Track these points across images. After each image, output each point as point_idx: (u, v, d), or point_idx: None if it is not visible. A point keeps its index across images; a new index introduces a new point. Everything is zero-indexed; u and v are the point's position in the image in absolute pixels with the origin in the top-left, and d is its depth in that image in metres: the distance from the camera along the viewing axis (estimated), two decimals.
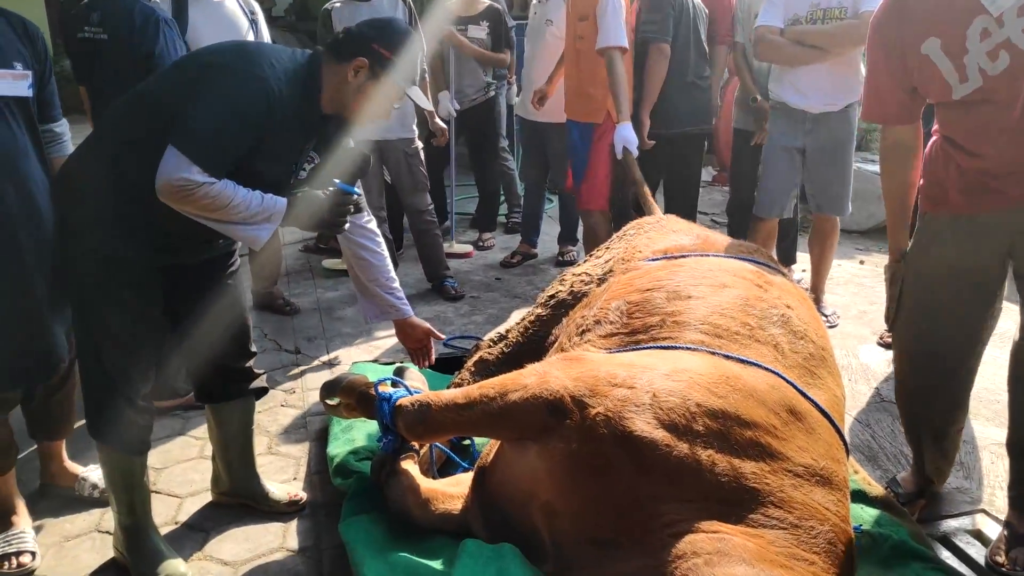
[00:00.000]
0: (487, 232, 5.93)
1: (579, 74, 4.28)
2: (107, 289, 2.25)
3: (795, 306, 2.27)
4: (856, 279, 5.07)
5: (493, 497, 2.03)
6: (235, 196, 2.12)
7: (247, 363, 2.64)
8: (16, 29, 2.40)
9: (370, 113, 2.36)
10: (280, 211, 2.22)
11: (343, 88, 2.28)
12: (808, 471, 1.78)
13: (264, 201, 2.18)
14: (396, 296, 2.81)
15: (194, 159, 2.04)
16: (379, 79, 2.29)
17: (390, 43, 2.30)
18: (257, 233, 2.22)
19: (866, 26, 3.75)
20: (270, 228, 2.22)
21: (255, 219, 2.18)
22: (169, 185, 2.05)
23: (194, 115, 2.08)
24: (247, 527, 2.63)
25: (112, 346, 2.28)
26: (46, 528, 2.62)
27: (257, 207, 2.17)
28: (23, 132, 2.38)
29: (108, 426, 2.33)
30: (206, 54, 2.26)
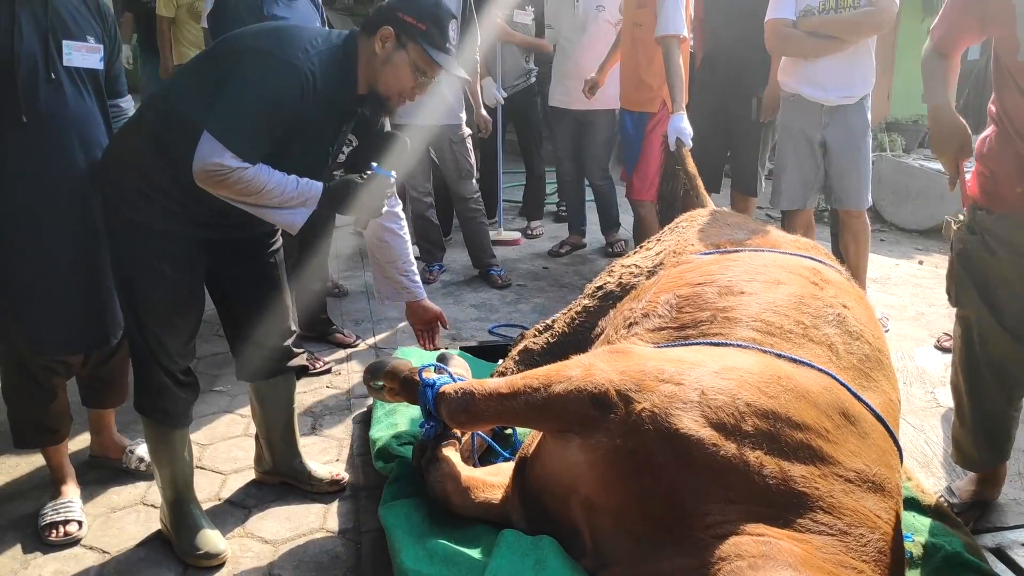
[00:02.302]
0: (535, 220, 5.90)
1: (635, 62, 4.22)
2: (147, 262, 2.28)
3: (851, 306, 2.20)
4: (914, 279, 4.94)
5: (533, 489, 2.01)
6: (269, 181, 2.14)
7: (287, 341, 2.64)
8: (90, 5, 2.48)
9: (401, 84, 2.30)
10: (316, 195, 2.23)
11: (372, 61, 2.26)
12: (860, 477, 1.72)
13: (299, 186, 2.20)
14: (411, 279, 2.79)
15: (228, 145, 2.07)
16: (406, 48, 2.25)
17: (415, 9, 2.26)
18: (292, 218, 2.23)
19: (882, 13, 3.71)
20: (305, 212, 2.24)
21: (290, 203, 2.20)
22: (203, 170, 2.09)
23: (228, 101, 2.11)
24: (289, 506, 2.64)
25: (152, 320, 2.31)
26: (93, 499, 2.67)
27: (292, 191, 2.19)
28: (94, 102, 2.46)
29: (150, 398, 2.37)
30: (246, 37, 2.27)
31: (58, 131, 2.36)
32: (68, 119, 2.37)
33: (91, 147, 2.43)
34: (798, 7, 3.85)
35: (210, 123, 2.09)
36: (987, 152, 2.39)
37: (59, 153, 2.37)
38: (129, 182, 2.24)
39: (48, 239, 2.39)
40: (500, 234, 5.60)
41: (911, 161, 6.42)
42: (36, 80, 2.31)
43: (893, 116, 7.85)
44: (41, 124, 2.33)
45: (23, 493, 2.71)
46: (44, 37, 2.32)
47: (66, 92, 2.38)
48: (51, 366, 2.50)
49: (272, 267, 2.54)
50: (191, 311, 2.39)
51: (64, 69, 2.37)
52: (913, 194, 6.16)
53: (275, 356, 2.61)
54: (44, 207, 2.38)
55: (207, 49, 2.42)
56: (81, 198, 2.42)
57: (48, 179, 2.36)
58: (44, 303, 2.42)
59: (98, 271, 2.50)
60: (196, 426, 3.10)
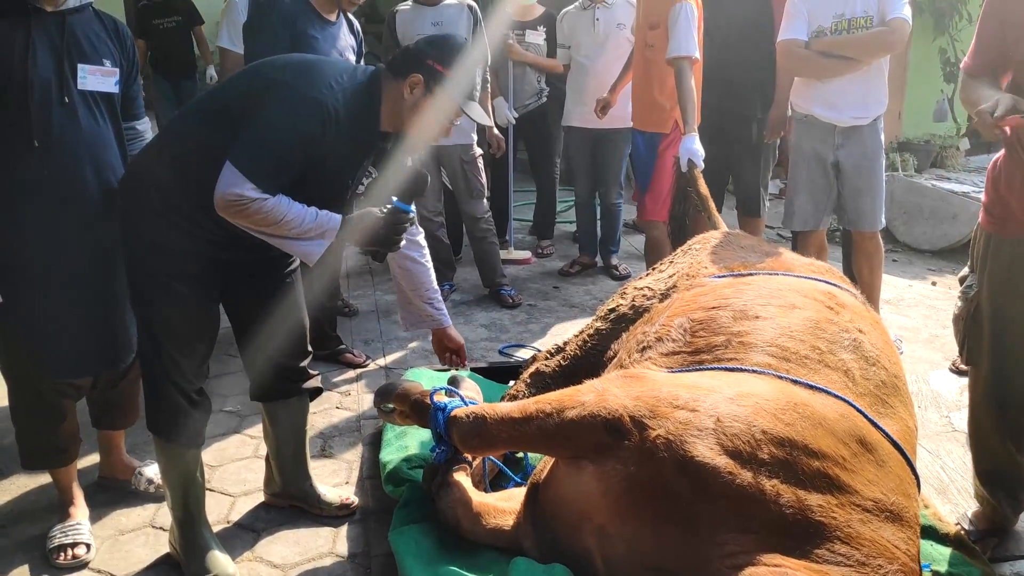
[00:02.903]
0: (545, 239, 5.89)
1: (647, 83, 4.21)
2: (164, 282, 2.29)
3: (868, 330, 2.18)
4: (927, 301, 4.90)
5: (545, 515, 1.99)
6: (288, 212, 2.16)
7: (303, 363, 2.64)
8: (108, 29, 2.49)
9: (427, 130, 2.35)
10: (334, 228, 2.24)
11: (399, 104, 2.29)
12: (877, 506, 1.69)
13: (319, 217, 2.21)
14: (435, 306, 2.82)
15: (248, 175, 2.10)
16: (434, 95, 2.28)
17: (445, 59, 2.29)
18: (310, 248, 2.24)
19: (893, 33, 3.69)
20: (323, 244, 2.24)
21: (308, 235, 2.21)
22: (223, 200, 2.12)
23: (251, 132, 2.14)
24: (298, 530, 2.62)
25: (168, 340, 2.31)
26: (102, 521, 2.65)
27: (311, 223, 2.20)
28: (107, 126, 2.47)
29: (163, 418, 2.36)
30: (273, 69, 2.28)
31: (70, 154, 2.36)
32: (81, 142, 2.37)
33: (103, 170, 2.43)
34: (810, 28, 3.85)
35: (234, 154, 2.12)
36: (997, 179, 2.36)
37: (71, 176, 2.37)
38: (148, 202, 2.25)
39: (59, 262, 2.39)
40: (510, 253, 5.59)
41: (923, 181, 6.40)
42: (49, 104, 2.32)
43: (904, 136, 7.83)
44: (53, 148, 2.33)
45: (31, 515, 2.69)
46: (59, 60, 2.33)
47: (79, 115, 2.38)
48: (60, 388, 2.50)
49: (289, 287, 2.54)
50: (207, 332, 2.39)
51: (78, 92, 2.37)
52: (925, 214, 6.12)
53: (290, 377, 2.61)
54: (55, 230, 2.38)
55: (233, 76, 2.42)
56: (91, 221, 2.42)
57: (59, 202, 2.37)
58: (54, 326, 2.42)
59: (109, 294, 2.50)
60: (205, 447, 3.08)
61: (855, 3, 3.76)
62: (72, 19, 2.37)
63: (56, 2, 2.34)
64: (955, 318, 2.52)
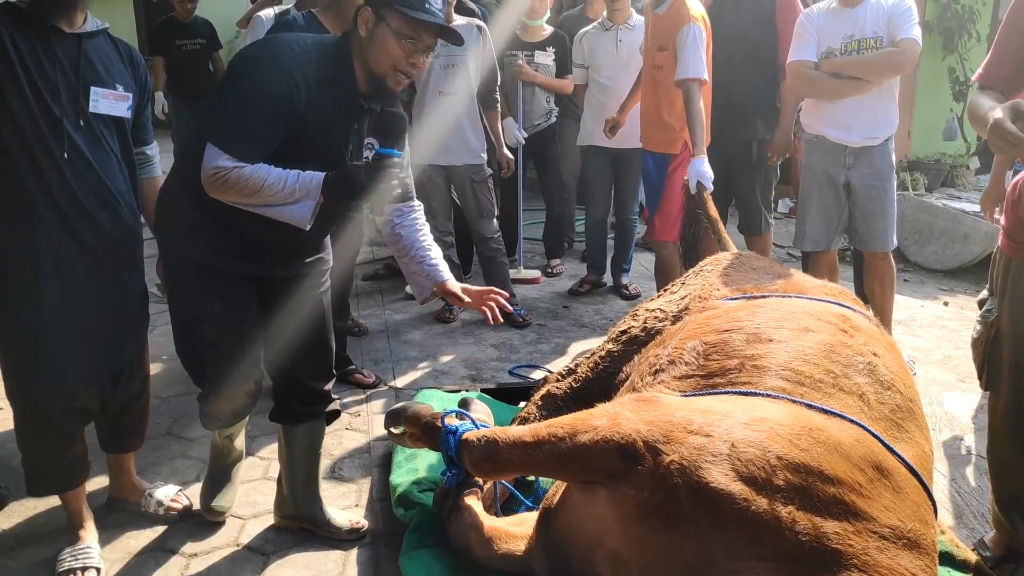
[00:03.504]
0: (555, 258, 5.89)
1: (656, 104, 4.22)
2: (198, 298, 2.40)
3: (882, 354, 2.16)
4: (940, 321, 4.87)
5: (558, 540, 1.97)
6: (268, 176, 2.19)
7: (325, 385, 2.66)
8: (122, 54, 2.53)
9: (392, 57, 2.27)
10: (317, 184, 2.23)
11: (361, 47, 2.30)
12: (895, 533, 1.67)
13: (300, 178, 2.22)
14: (427, 263, 2.68)
15: (222, 147, 2.17)
16: (386, 19, 2.26)
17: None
18: (301, 211, 2.24)
19: (903, 54, 3.69)
20: (311, 204, 2.24)
21: (293, 197, 2.22)
22: (207, 177, 2.19)
23: (221, 107, 2.25)
24: (308, 553, 2.61)
25: (207, 353, 2.47)
26: (112, 543, 2.64)
27: (293, 184, 2.21)
28: (116, 150, 2.49)
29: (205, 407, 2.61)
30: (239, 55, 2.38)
31: (81, 177, 2.38)
32: (91, 166, 2.39)
33: (111, 197, 2.44)
34: (820, 49, 3.85)
35: (209, 132, 2.21)
36: (1017, 203, 2.32)
37: (77, 200, 2.38)
38: (175, 223, 2.39)
39: (65, 285, 2.40)
40: (520, 272, 5.59)
41: (934, 200, 6.39)
42: (62, 124, 2.33)
43: (914, 154, 7.83)
44: (66, 170, 2.35)
45: (41, 537, 2.68)
46: (75, 81, 2.35)
47: (90, 139, 2.40)
48: (67, 411, 2.49)
49: (319, 307, 2.59)
50: (242, 345, 2.47)
51: (91, 115, 2.39)
52: (937, 233, 6.10)
53: (312, 399, 2.66)
54: (62, 253, 2.38)
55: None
56: (97, 244, 2.43)
57: (66, 225, 2.38)
58: (58, 347, 2.42)
59: (112, 316, 2.51)
60: None
61: (865, 24, 3.77)
62: (87, 43, 2.40)
63: (73, 24, 2.36)
64: (974, 342, 2.50)
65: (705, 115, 3.97)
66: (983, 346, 2.43)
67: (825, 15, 3.89)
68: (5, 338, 2.43)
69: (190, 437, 3.36)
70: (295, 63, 2.22)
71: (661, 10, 4.12)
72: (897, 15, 3.72)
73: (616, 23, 5.03)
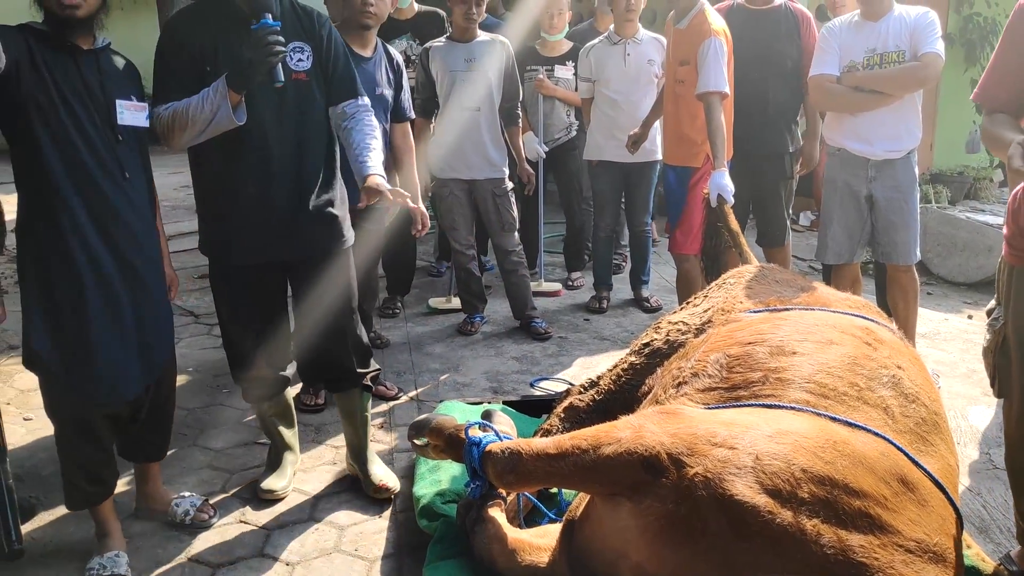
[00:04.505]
0: (575, 271, 5.90)
1: (678, 118, 4.23)
2: (214, 284, 2.90)
3: (906, 366, 2.16)
4: (964, 335, 4.84)
5: (581, 553, 1.98)
6: (187, 105, 2.54)
7: (349, 364, 2.96)
8: (130, 68, 2.61)
9: None
10: (223, 85, 2.50)
11: None
12: (920, 547, 1.67)
13: (207, 92, 2.52)
14: (360, 160, 2.74)
15: (153, 101, 2.61)
16: None
17: None
18: (224, 113, 2.51)
19: (926, 68, 3.68)
20: (227, 104, 2.50)
21: (214, 107, 2.51)
22: (154, 127, 2.59)
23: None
24: (332, 563, 2.63)
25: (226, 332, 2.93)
26: (138, 552, 2.68)
27: (205, 96, 2.52)
28: (139, 158, 2.57)
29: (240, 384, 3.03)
30: None
31: (117, 187, 2.45)
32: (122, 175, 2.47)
33: (134, 203, 2.52)
34: (842, 63, 3.85)
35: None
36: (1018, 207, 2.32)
37: (113, 208, 2.46)
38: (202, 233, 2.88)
39: (100, 292, 2.46)
40: (541, 285, 5.60)
41: (957, 213, 6.34)
42: (98, 139, 2.41)
43: (936, 167, 7.79)
44: (99, 182, 2.42)
45: (70, 546, 2.73)
46: (101, 99, 2.42)
47: (120, 149, 2.47)
48: (107, 420, 2.54)
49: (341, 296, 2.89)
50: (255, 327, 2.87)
51: (120, 127, 2.46)
52: (960, 246, 6.06)
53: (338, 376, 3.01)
54: (99, 261, 2.44)
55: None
56: (128, 249, 2.50)
57: (103, 235, 2.45)
58: (94, 353, 2.46)
59: (142, 319, 2.57)
60: (239, 481, 3.12)
61: (887, 38, 3.76)
62: (102, 58, 2.48)
63: (89, 41, 2.45)
64: (984, 351, 2.49)
65: (726, 128, 3.98)
66: (992, 354, 2.43)
67: (847, 29, 3.89)
68: (47, 348, 2.46)
69: (215, 448, 3.39)
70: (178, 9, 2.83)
71: (682, 25, 4.13)
72: (920, 29, 3.71)
73: (624, 37, 5.04)
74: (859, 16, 3.88)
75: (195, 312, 5.06)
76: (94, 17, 2.42)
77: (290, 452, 3.13)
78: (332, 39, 2.79)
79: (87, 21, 2.40)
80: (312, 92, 2.76)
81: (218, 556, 2.67)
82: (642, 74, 4.99)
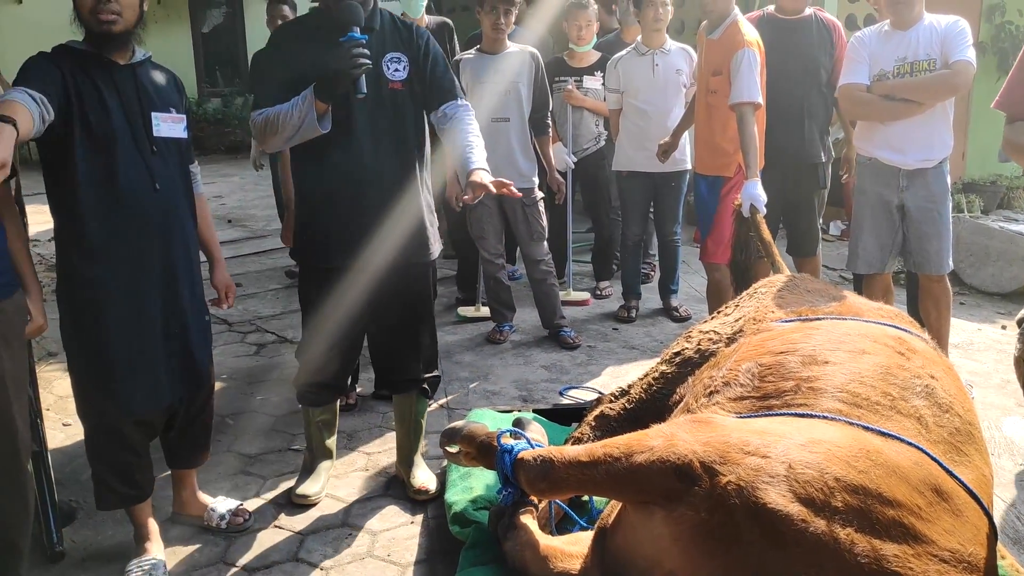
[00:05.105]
0: (604, 281, 5.91)
1: (710, 128, 4.24)
2: (302, 288, 3.05)
3: (940, 376, 2.15)
4: (998, 345, 4.79)
5: (614, 560, 1.99)
6: (279, 111, 2.68)
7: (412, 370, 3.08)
8: (170, 80, 2.66)
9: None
10: (309, 93, 2.62)
11: None
12: (955, 557, 1.66)
13: (298, 99, 2.64)
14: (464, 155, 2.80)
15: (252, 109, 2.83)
16: None
17: None
18: (312, 120, 2.63)
19: (957, 76, 3.66)
20: (312, 112, 2.62)
21: (302, 114, 2.63)
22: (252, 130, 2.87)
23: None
24: (365, 568, 2.66)
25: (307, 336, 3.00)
26: (175, 556, 2.73)
27: (295, 104, 2.64)
28: (178, 169, 2.62)
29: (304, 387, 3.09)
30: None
31: (157, 199, 2.51)
32: (166, 188, 2.53)
33: (176, 211, 2.59)
34: (872, 72, 3.84)
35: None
36: None
37: (151, 222, 2.52)
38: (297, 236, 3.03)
39: (138, 301, 2.51)
40: (569, 295, 5.61)
41: (990, 223, 6.28)
42: (127, 152, 2.46)
43: (969, 176, 7.70)
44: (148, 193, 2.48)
45: (109, 549, 2.78)
46: (140, 110, 2.48)
47: (157, 161, 2.53)
48: (138, 427, 2.59)
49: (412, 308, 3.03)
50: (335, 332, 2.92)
51: (156, 139, 2.52)
52: (993, 256, 6.00)
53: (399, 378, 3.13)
54: (136, 270, 2.50)
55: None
56: (167, 259, 2.56)
57: (142, 245, 2.50)
58: (129, 362, 2.52)
59: (179, 328, 2.62)
60: (273, 487, 3.17)
61: (918, 47, 3.75)
62: (139, 71, 2.54)
63: (127, 56, 2.50)
64: (1016, 360, 2.48)
65: (759, 138, 3.99)
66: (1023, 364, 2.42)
67: (877, 38, 3.88)
68: (78, 356, 2.53)
69: (250, 454, 3.45)
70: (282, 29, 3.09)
71: (715, 36, 4.15)
72: (951, 37, 3.69)
73: (652, 47, 5.05)
74: (889, 25, 3.87)
75: (228, 320, 5.13)
76: (131, 32, 2.48)
77: (326, 459, 3.18)
78: (430, 49, 2.89)
79: (124, 36, 2.46)
80: (407, 101, 2.86)
81: (254, 561, 2.71)
82: (670, 84, 5.01)
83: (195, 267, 2.70)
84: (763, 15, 4.52)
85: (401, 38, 2.86)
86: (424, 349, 3.10)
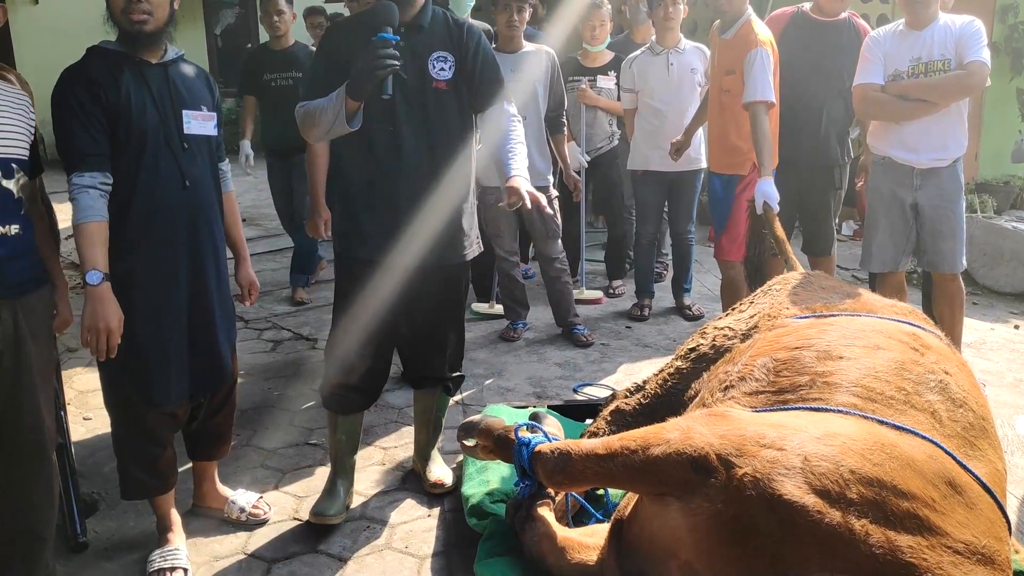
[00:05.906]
0: (616, 279, 5.94)
1: (723, 127, 4.26)
2: (338, 283, 2.98)
3: (954, 372, 2.17)
4: (1011, 344, 4.79)
5: (631, 551, 2.02)
6: (316, 104, 2.69)
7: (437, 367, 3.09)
8: (202, 78, 2.70)
9: None
10: (342, 90, 2.61)
11: None
12: (969, 548, 1.68)
13: (333, 95, 2.64)
14: (505, 163, 2.86)
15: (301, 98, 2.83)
16: None
17: None
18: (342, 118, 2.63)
19: (972, 76, 3.67)
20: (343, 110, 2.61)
21: (335, 110, 2.62)
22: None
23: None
24: (384, 560, 2.70)
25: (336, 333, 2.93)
26: (197, 547, 2.77)
27: (330, 100, 2.64)
28: (208, 166, 2.66)
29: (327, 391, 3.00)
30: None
31: (189, 196, 2.55)
32: (195, 184, 2.58)
33: (206, 208, 2.62)
34: (887, 72, 3.85)
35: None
36: None
37: (178, 218, 2.55)
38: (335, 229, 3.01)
39: (165, 296, 2.56)
40: (583, 293, 5.64)
41: (1003, 223, 6.27)
42: (159, 149, 2.50)
43: (982, 177, 7.69)
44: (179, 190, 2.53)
45: (131, 540, 2.83)
46: (171, 108, 2.52)
47: (187, 158, 2.57)
48: (163, 418, 2.63)
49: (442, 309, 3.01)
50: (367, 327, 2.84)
51: (187, 137, 2.56)
52: (1007, 256, 6.00)
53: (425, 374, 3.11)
54: (163, 265, 2.54)
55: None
56: (194, 254, 2.60)
57: (169, 240, 2.54)
58: (156, 355, 2.57)
59: (205, 323, 2.66)
60: (292, 479, 3.21)
61: (932, 47, 3.76)
62: (171, 69, 2.58)
63: (159, 54, 2.54)
64: None
65: (772, 137, 4.01)
66: None
67: (892, 38, 3.89)
68: None
69: (269, 448, 3.49)
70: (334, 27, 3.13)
71: (728, 35, 4.17)
72: (965, 37, 3.70)
73: (666, 47, 5.07)
74: (904, 25, 3.88)
75: (245, 317, 5.18)
76: (163, 30, 2.52)
77: (344, 480, 3.01)
78: (480, 50, 2.85)
79: (156, 35, 2.50)
80: (451, 101, 2.82)
81: (274, 552, 2.75)
82: (685, 83, 5.03)
83: (222, 263, 2.73)
84: (797, 11, 4.50)
85: (451, 36, 2.83)
86: (452, 351, 3.11)
